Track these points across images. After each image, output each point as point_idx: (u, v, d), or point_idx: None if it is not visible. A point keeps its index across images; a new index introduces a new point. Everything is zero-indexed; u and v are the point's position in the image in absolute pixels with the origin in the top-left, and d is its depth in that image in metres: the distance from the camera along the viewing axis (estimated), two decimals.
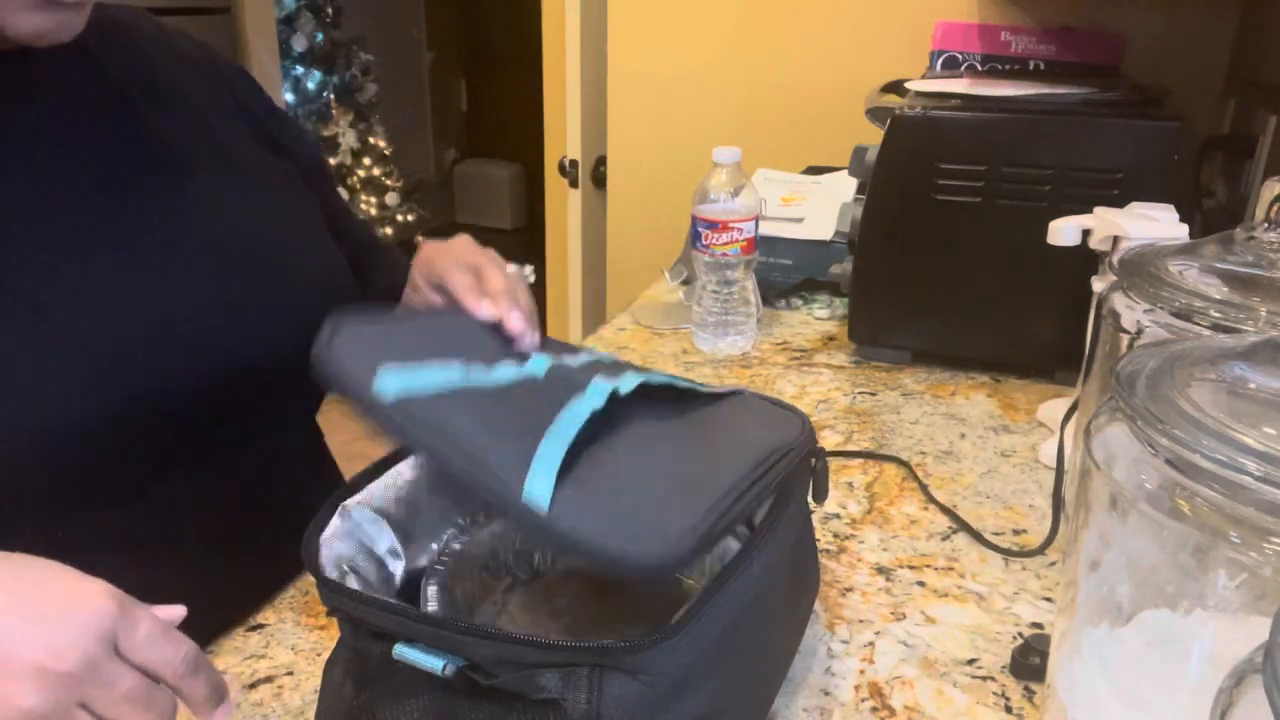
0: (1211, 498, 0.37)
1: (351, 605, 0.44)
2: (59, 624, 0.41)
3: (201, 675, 0.45)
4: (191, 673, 0.44)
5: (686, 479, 0.45)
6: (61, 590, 0.43)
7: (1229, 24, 1.38)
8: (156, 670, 0.43)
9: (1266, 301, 0.55)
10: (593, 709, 0.40)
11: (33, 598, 0.42)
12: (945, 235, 1.00)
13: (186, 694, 0.44)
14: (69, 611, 0.42)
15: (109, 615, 0.42)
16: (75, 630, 0.41)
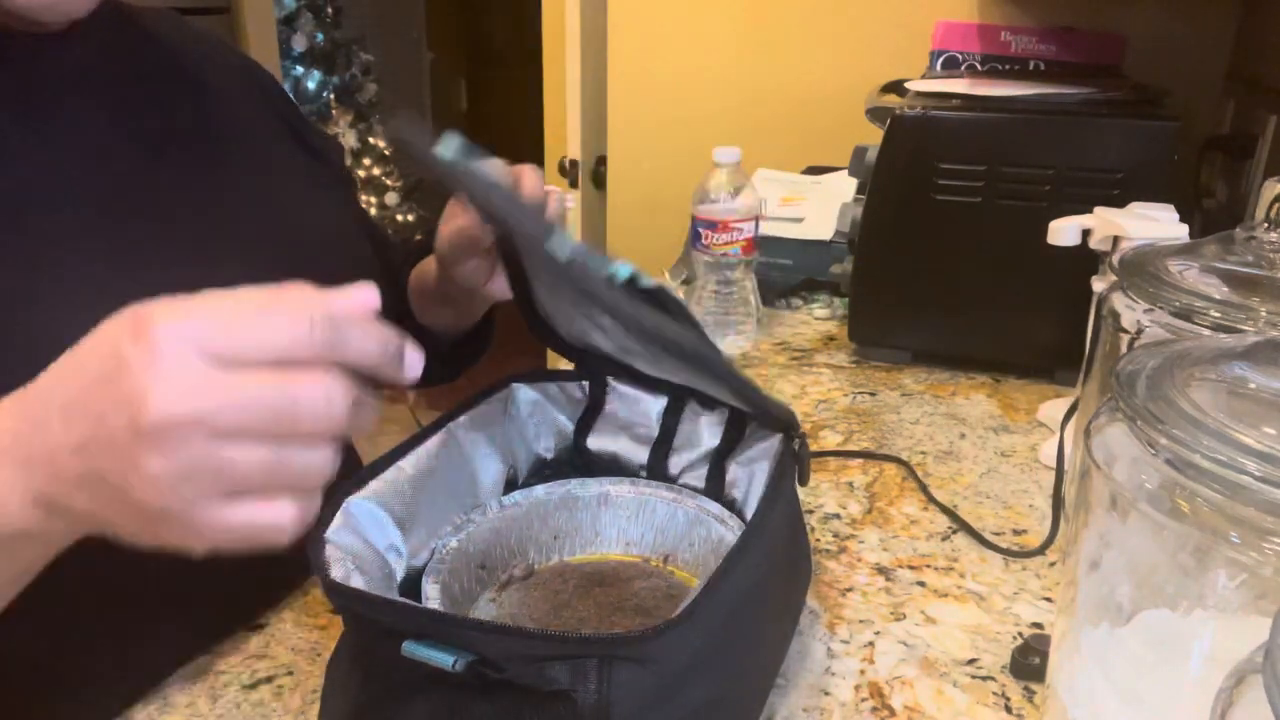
0: (1211, 498, 0.37)
1: (360, 604, 0.44)
2: (126, 374, 0.34)
3: (352, 331, 0.36)
4: (333, 335, 0.35)
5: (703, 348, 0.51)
6: (116, 335, 0.35)
7: (1229, 24, 1.38)
8: (286, 356, 0.35)
9: (1266, 301, 0.55)
10: (602, 699, 0.40)
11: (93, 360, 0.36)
12: (945, 235, 1.00)
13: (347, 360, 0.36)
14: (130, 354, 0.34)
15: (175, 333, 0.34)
16: (160, 369, 0.34)
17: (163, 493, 0.34)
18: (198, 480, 0.34)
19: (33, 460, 0.37)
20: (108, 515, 0.37)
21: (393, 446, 0.57)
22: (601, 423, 0.69)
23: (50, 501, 0.37)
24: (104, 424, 0.35)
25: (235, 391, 0.34)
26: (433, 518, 0.58)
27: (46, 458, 0.37)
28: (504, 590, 0.60)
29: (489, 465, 0.64)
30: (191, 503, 0.35)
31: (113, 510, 0.36)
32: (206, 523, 0.35)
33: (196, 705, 0.55)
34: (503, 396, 0.66)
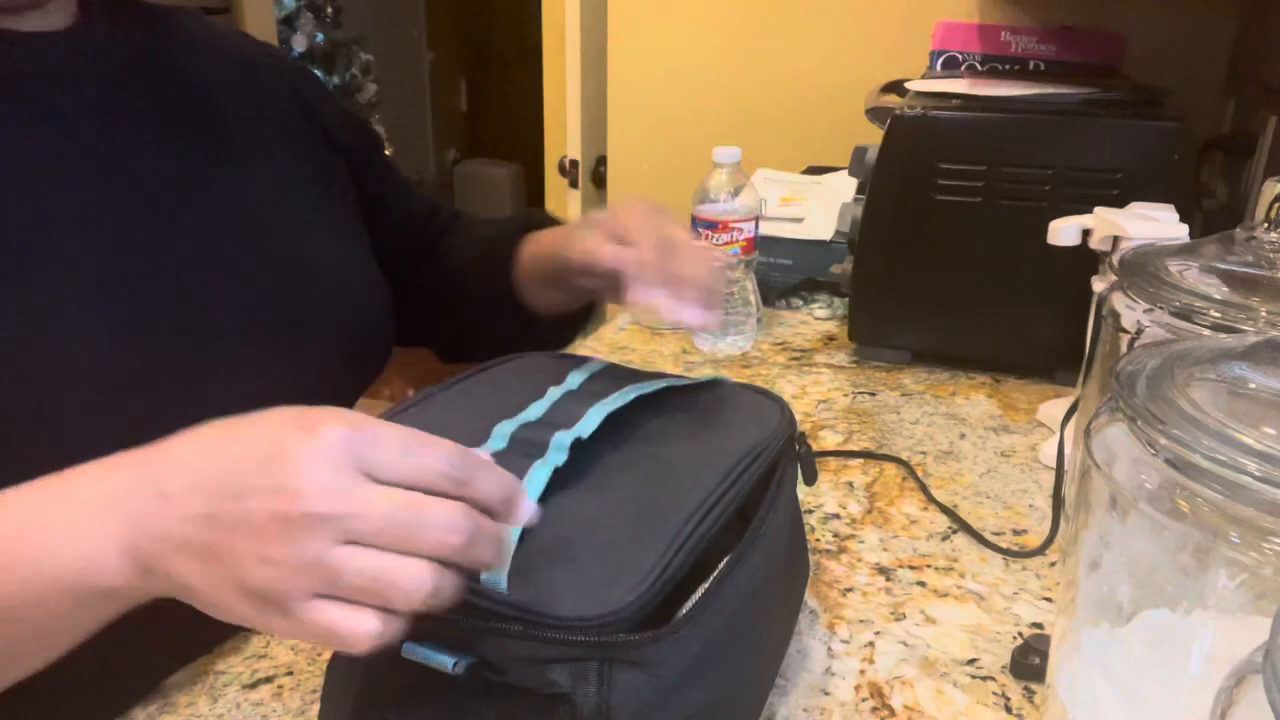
0: (1211, 498, 0.37)
1: None
2: (294, 464, 0.36)
3: (480, 473, 0.39)
4: (465, 474, 0.38)
5: (651, 506, 0.46)
6: (286, 430, 0.37)
7: (1229, 24, 1.38)
8: (422, 483, 0.37)
9: (1266, 301, 0.55)
10: (603, 702, 0.40)
11: (262, 443, 0.37)
12: (945, 235, 1.00)
13: (472, 498, 0.38)
14: (300, 449, 0.36)
15: (340, 438, 0.36)
16: (313, 464, 0.36)
17: (274, 579, 0.36)
18: (310, 574, 0.36)
19: (145, 520, 0.38)
20: (203, 586, 0.37)
21: None
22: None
23: (150, 564, 0.38)
24: (243, 502, 0.36)
25: (376, 502, 0.36)
26: None
27: (162, 520, 0.37)
28: None
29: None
30: (292, 594, 0.36)
31: (211, 583, 0.37)
32: (297, 615, 0.36)
33: (196, 705, 0.55)
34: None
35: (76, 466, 0.41)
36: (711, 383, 0.61)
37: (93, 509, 0.39)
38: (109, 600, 0.39)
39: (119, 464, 0.40)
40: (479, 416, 0.51)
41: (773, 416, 0.57)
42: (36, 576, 0.38)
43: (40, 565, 0.38)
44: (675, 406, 0.57)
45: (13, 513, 0.40)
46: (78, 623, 0.40)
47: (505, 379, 0.58)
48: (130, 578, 0.38)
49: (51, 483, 0.40)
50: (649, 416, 0.54)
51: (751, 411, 0.57)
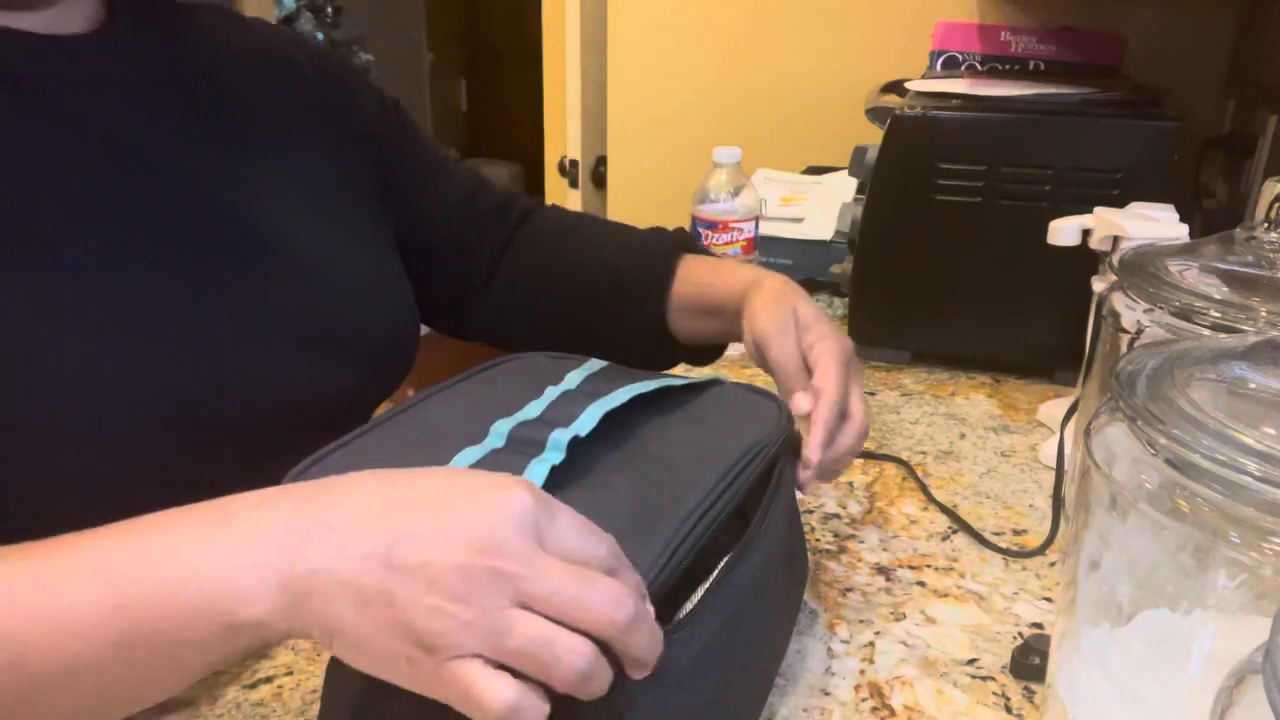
0: (1211, 498, 0.37)
1: None
2: (479, 518, 0.36)
3: (625, 568, 0.39)
4: (616, 566, 0.39)
5: (648, 508, 0.46)
6: (474, 484, 0.38)
7: (1229, 24, 1.38)
8: (582, 563, 0.38)
9: (1266, 301, 0.55)
10: (604, 702, 0.40)
11: (443, 494, 0.38)
12: (945, 235, 1.00)
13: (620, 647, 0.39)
14: (487, 505, 0.37)
15: (529, 505, 0.37)
16: (498, 522, 0.36)
17: (443, 631, 0.35)
18: (480, 630, 0.36)
19: (311, 554, 0.37)
20: (357, 628, 0.36)
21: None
22: None
23: (306, 600, 0.37)
24: (424, 549, 0.36)
25: (555, 566, 0.36)
26: None
27: (330, 556, 0.37)
28: None
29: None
30: (455, 648, 0.36)
31: (367, 626, 0.36)
32: (446, 669, 0.36)
33: (196, 705, 0.55)
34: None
35: (227, 497, 0.40)
36: (709, 383, 0.61)
37: (252, 536, 0.37)
38: (244, 635, 0.37)
39: (277, 496, 0.39)
40: (477, 416, 0.51)
41: (770, 416, 0.57)
42: (182, 601, 0.37)
43: (189, 589, 0.37)
44: (673, 406, 0.57)
45: (164, 535, 0.38)
46: (205, 659, 0.38)
47: (504, 379, 0.58)
48: (277, 612, 0.37)
49: (203, 508, 0.39)
50: (647, 416, 0.54)
51: (749, 411, 0.57)
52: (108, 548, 0.38)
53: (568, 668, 0.36)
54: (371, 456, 0.48)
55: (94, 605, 0.37)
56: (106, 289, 0.55)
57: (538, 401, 0.52)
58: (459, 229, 0.82)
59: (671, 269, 0.77)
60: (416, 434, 0.51)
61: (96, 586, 0.37)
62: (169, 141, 0.61)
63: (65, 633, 0.37)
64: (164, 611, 0.37)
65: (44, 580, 0.37)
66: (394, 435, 0.51)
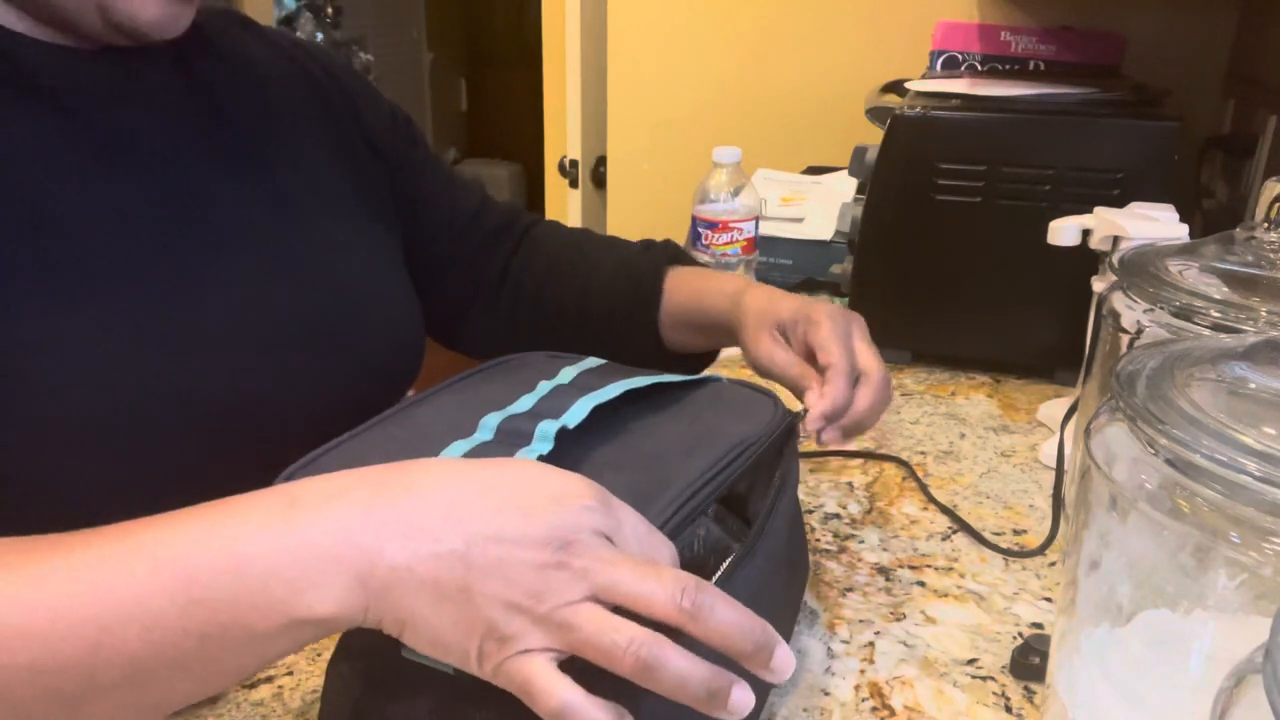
0: (1211, 498, 0.37)
1: None
2: (555, 516, 0.37)
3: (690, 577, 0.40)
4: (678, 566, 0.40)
5: (636, 497, 0.45)
6: (547, 481, 0.39)
7: (1229, 24, 1.38)
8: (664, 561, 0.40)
9: (1266, 301, 0.55)
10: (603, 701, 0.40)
11: (517, 490, 0.39)
12: (945, 235, 1.00)
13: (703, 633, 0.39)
14: (562, 502, 0.38)
15: (598, 505, 0.39)
16: (572, 520, 0.37)
17: (519, 627, 0.36)
18: (553, 628, 0.36)
19: (389, 549, 0.37)
20: (431, 622, 0.37)
21: None
22: None
23: (382, 595, 0.37)
24: (504, 545, 0.37)
25: (625, 563, 0.38)
26: None
27: (408, 552, 0.37)
28: None
29: None
30: (529, 643, 0.36)
31: (442, 621, 0.37)
32: (514, 662, 0.37)
33: (196, 705, 0.55)
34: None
35: (289, 484, 0.39)
36: (706, 380, 0.61)
37: (328, 531, 0.37)
38: (315, 628, 0.37)
39: (346, 485, 0.39)
40: (468, 412, 0.51)
41: (766, 412, 0.57)
42: (257, 593, 0.36)
43: (264, 582, 0.36)
44: (668, 402, 0.57)
45: (232, 526, 0.37)
46: (270, 651, 0.38)
47: (499, 377, 0.58)
48: (349, 607, 0.37)
49: (265, 497, 0.39)
50: (640, 413, 0.54)
51: (745, 407, 0.57)
52: (173, 539, 0.37)
53: (631, 656, 0.36)
54: (363, 457, 0.48)
55: (165, 597, 0.36)
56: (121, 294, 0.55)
57: (529, 396, 0.52)
58: (464, 247, 0.83)
59: (659, 289, 0.79)
60: (408, 433, 0.51)
61: (166, 578, 0.36)
62: (189, 152, 0.62)
63: (136, 626, 0.35)
64: (238, 604, 0.36)
65: (109, 571, 0.36)
66: (385, 435, 0.51)
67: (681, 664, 0.37)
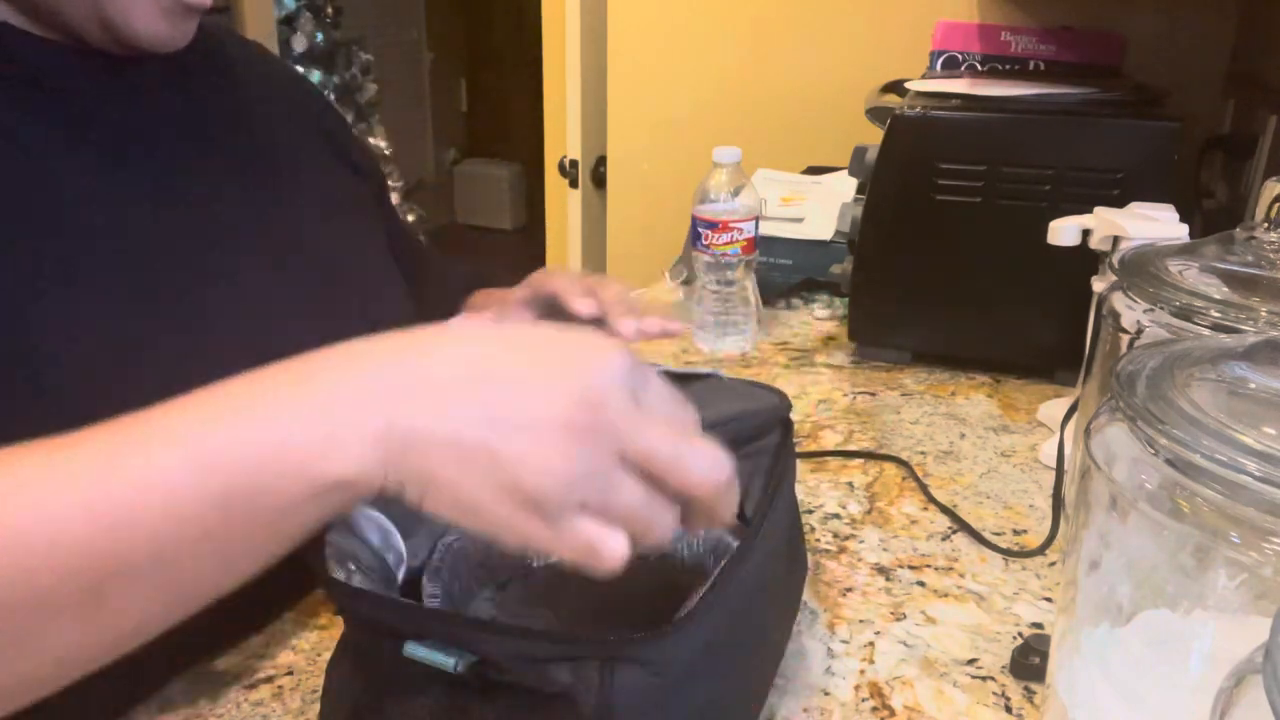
0: (1211, 498, 0.37)
1: (362, 604, 0.44)
2: (582, 374, 0.36)
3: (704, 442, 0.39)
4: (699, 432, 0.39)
5: None
6: (571, 341, 0.38)
7: (1229, 24, 1.38)
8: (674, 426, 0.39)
9: (1266, 301, 0.55)
10: (604, 700, 0.40)
11: (541, 350, 0.38)
12: (945, 235, 1.00)
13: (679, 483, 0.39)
14: (589, 361, 0.37)
15: (626, 364, 0.37)
16: (600, 378, 0.36)
17: (552, 488, 0.35)
18: (588, 486, 0.36)
19: (410, 408, 0.36)
20: (459, 485, 0.35)
21: None
22: None
23: (403, 454, 0.35)
24: (531, 405, 0.35)
25: (658, 426, 0.37)
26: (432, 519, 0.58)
27: (430, 411, 0.35)
28: (503, 590, 0.60)
29: None
30: (566, 504, 0.35)
31: (471, 483, 0.35)
32: (561, 525, 0.36)
33: (196, 705, 0.55)
34: None
35: (299, 358, 0.38)
36: (706, 374, 0.61)
37: (346, 393, 0.36)
38: (338, 493, 0.36)
39: (361, 352, 0.38)
40: None
41: (767, 396, 0.57)
42: (278, 459, 0.35)
43: (285, 447, 0.35)
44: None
45: (244, 399, 0.36)
46: (295, 524, 0.36)
47: None
48: (370, 467, 0.35)
49: (274, 372, 0.37)
50: None
51: (745, 391, 0.58)
52: (188, 415, 0.36)
53: (661, 528, 0.37)
54: None
55: (182, 471, 0.34)
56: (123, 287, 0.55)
57: None
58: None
59: (465, 297, 0.82)
60: None
61: (182, 452, 0.35)
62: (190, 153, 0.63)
63: (154, 501, 0.34)
64: (259, 471, 0.35)
65: (124, 451, 0.35)
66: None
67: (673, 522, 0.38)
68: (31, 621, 0.34)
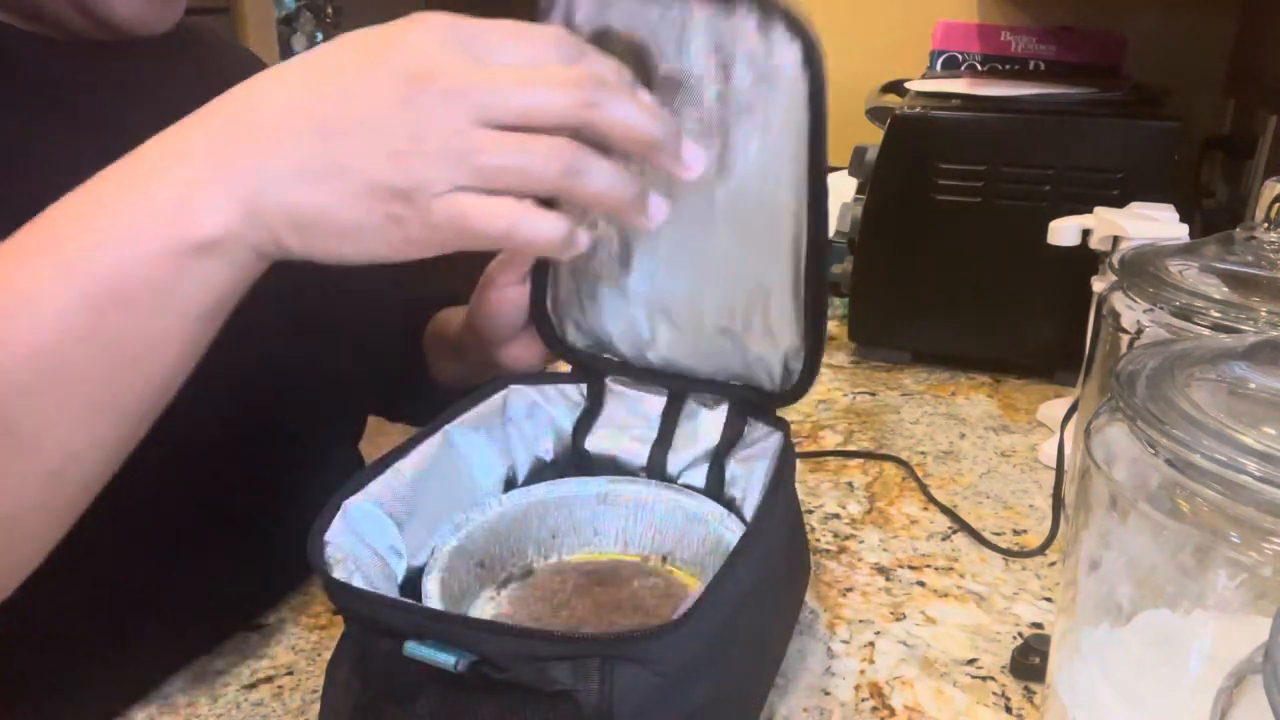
0: (1211, 498, 0.37)
1: (362, 604, 0.44)
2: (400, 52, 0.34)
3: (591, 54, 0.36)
4: (576, 52, 0.35)
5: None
6: (377, 32, 0.35)
7: (1229, 24, 1.38)
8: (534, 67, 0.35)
9: (1266, 301, 0.55)
10: (605, 699, 0.40)
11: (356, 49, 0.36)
12: (945, 235, 1.00)
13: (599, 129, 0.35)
14: (403, 37, 0.34)
15: (448, 23, 0.34)
16: (420, 47, 0.34)
17: (412, 171, 0.33)
18: (450, 158, 0.33)
19: (246, 155, 0.35)
20: (326, 208, 0.35)
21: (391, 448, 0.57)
22: (600, 425, 0.69)
23: (258, 202, 0.35)
24: (359, 101, 0.34)
25: (504, 74, 0.34)
26: (432, 518, 0.58)
27: (266, 150, 0.35)
28: (503, 589, 0.60)
29: (487, 466, 0.64)
30: (434, 183, 0.34)
31: (334, 202, 0.34)
32: (437, 211, 0.34)
33: (196, 705, 0.55)
34: (500, 398, 0.66)
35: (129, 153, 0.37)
36: None
37: (181, 156, 0.36)
38: (210, 262, 0.35)
39: (182, 123, 0.37)
40: None
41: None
42: (136, 239, 0.34)
43: (138, 224, 0.34)
44: None
45: (89, 192, 0.36)
46: (180, 308, 0.35)
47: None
48: (232, 223, 0.35)
49: (112, 167, 0.37)
50: None
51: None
52: (45, 222, 0.36)
53: (554, 167, 0.34)
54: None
55: (49, 274, 0.34)
56: None
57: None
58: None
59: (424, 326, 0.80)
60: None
61: (48, 259, 0.34)
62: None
63: (27, 310, 0.34)
64: (122, 259, 0.34)
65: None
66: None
67: (605, 163, 0.34)
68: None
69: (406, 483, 0.56)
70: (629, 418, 0.68)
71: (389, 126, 0.34)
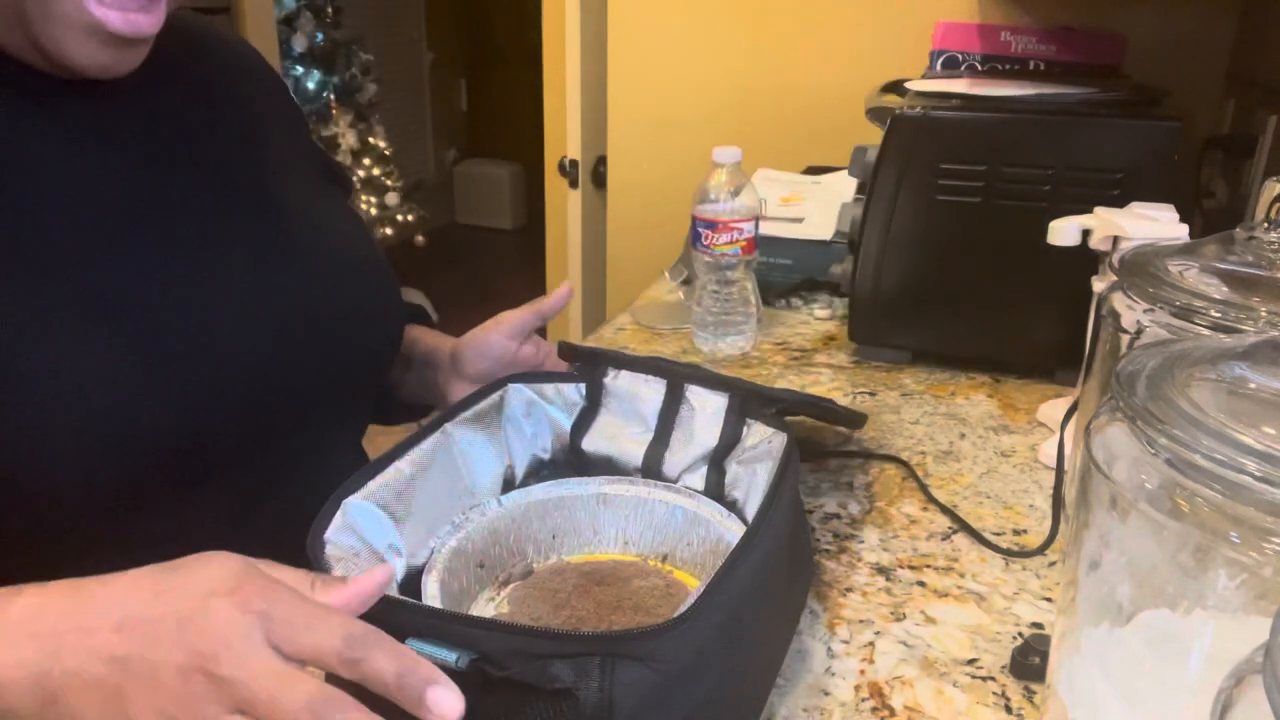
0: (1211, 498, 0.37)
1: None
2: (206, 624, 0.39)
3: (377, 651, 0.39)
4: (360, 653, 0.39)
5: None
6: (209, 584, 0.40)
7: (1229, 24, 1.38)
8: (317, 662, 0.39)
9: (1266, 301, 0.55)
10: (605, 697, 0.40)
11: (177, 596, 0.40)
12: (945, 235, 1.00)
13: (364, 677, 0.39)
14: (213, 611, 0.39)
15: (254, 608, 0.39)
16: (221, 628, 0.39)
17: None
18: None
19: (64, 653, 0.40)
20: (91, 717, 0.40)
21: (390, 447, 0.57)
22: (598, 424, 0.69)
23: (56, 695, 0.40)
24: (157, 653, 0.39)
25: (265, 678, 0.38)
26: (431, 517, 0.58)
27: (79, 655, 0.40)
28: (503, 589, 0.60)
29: (486, 465, 0.64)
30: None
31: (100, 715, 0.40)
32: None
33: None
34: (499, 397, 0.66)
35: (13, 587, 0.43)
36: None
37: (18, 633, 0.41)
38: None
39: (54, 590, 0.42)
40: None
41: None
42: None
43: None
44: None
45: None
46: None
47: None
48: (33, 706, 0.40)
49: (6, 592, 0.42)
50: None
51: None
52: None
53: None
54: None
55: None
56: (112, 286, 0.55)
57: None
58: None
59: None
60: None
61: None
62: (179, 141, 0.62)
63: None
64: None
65: None
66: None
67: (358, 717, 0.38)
68: None
69: (406, 481, 0.56)
70: (627, 419, 0.68)
71: (166, 686, 0.39)
